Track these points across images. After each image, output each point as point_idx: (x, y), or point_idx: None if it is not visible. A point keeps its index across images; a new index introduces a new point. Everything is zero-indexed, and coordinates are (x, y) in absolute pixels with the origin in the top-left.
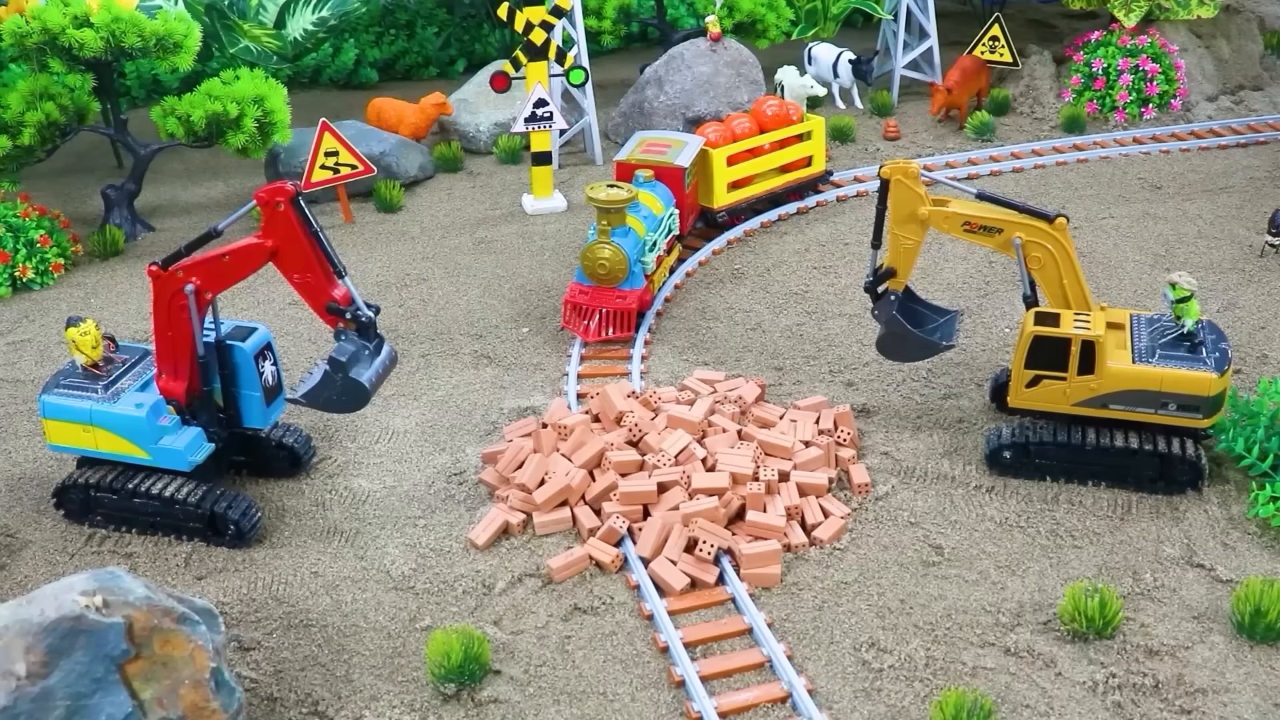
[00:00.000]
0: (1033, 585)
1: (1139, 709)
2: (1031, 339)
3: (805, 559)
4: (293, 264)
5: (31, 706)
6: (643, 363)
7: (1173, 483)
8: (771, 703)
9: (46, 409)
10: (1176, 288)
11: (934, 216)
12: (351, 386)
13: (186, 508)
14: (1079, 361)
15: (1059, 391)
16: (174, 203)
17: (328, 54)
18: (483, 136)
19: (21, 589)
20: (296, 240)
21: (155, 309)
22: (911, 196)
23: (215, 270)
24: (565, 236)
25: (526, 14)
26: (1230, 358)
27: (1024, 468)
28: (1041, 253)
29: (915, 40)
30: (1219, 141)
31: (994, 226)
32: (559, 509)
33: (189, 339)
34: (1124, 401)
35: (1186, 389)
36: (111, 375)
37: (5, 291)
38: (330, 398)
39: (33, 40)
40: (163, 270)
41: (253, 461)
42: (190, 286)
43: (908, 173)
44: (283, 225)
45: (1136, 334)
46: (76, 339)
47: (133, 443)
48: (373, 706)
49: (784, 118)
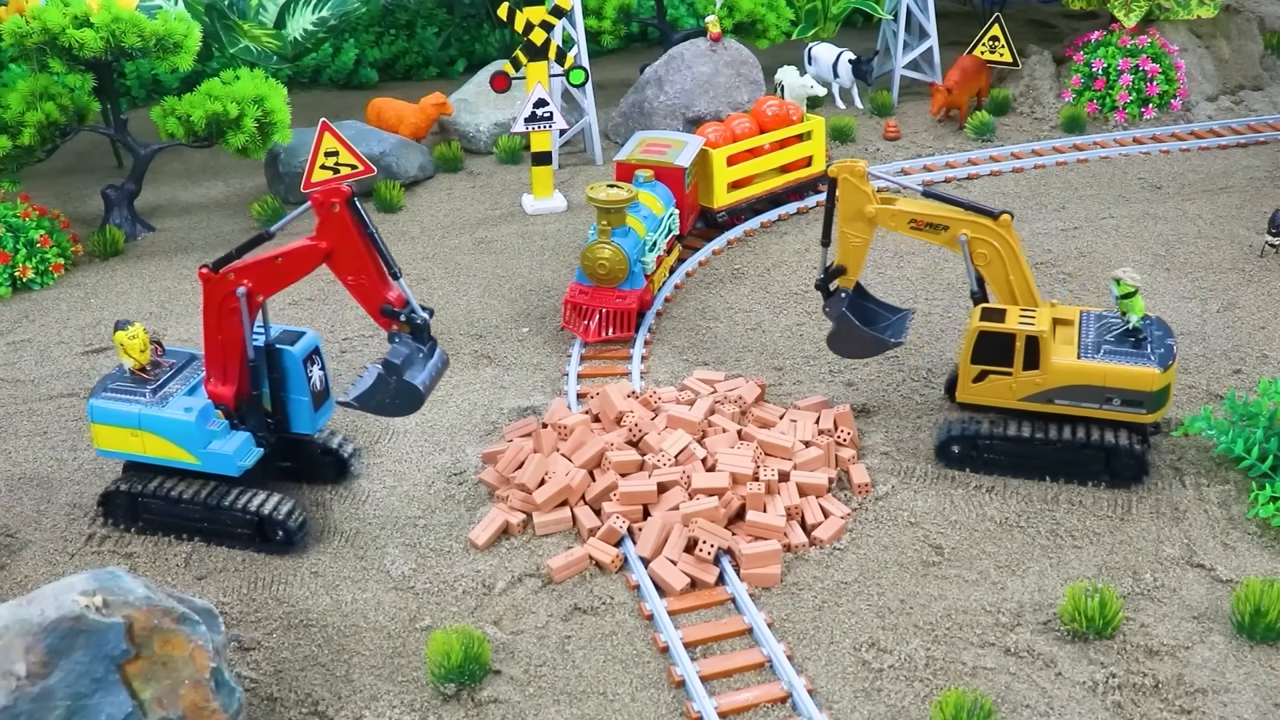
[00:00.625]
0: (1033, 585)
1: (1139, 709)
2: (977, 334)
3: (805, 559)
4: (347, 266)
5: (31, 706)
6: (643, 363)
7: (1118, 477)
8: (771, 703)
9: (95, 413)
10: (1121, 283)
11: (881, 215)
12: (405, 389)
13: (234, 513)
14: (1024, 357)
15: (1005, 386)
16: (174, 203)
17: (328, 54)
18: (483, 136)
19: (21, 589)
20: (351, 242)
21: (205, 312)
22: (858, 195)
23: (268, 273)
24: (565, 236)
25: (526, 14)
26: (1175, 353)
27: (973, 461)
28: (987, 249)
29: (915, 40)
30: (1219, 141)
31: (940, 224)
32: (559, 509)
33: (240, 343)
34: (1069, 396)
35: (1130, 384)
36: (159, 379)
37: (5, 291)
38: (384, 401)
39: (33, 40)
40: (214, 273)
41: (299, 467)
42: (242, 289)
43: (855, 171)
44: (338, 227)
45: (1084, 330)
46: (125, 342)
47: (181, 447)
48: (373, 706)
49: (784, 118)
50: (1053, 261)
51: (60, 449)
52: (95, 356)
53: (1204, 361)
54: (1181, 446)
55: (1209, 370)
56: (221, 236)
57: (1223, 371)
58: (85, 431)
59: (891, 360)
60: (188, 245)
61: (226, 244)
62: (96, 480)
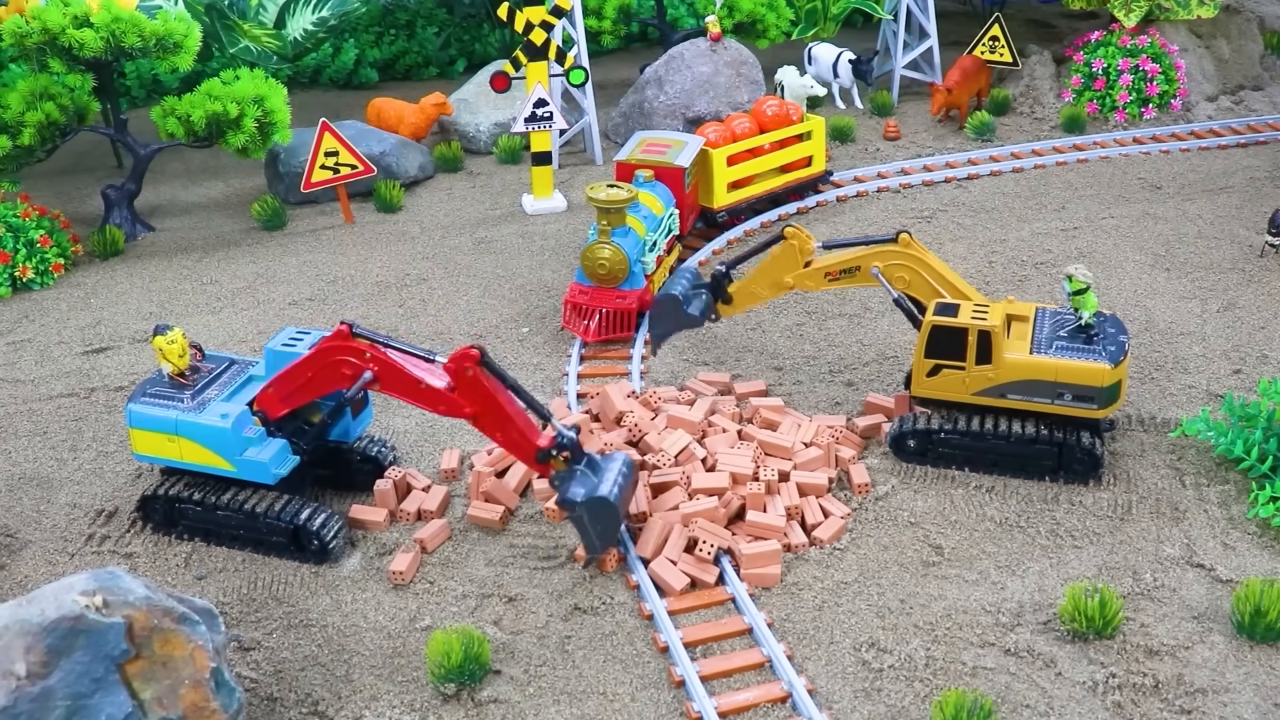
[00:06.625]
0: (1033, 585)
1: (1139, 709)
2: (930, 329)
3: (805, 559)
4: (493, 425)
5: (31, 706)
6: (643, 363)
7: (1071, 473)
8: (771, 703)
9: (133, 418)
10: (1073, 280)
11: (798, 279)
12: (597, 508)
13: (269, 521)
14: (976, 351)
15: (958, 381)
16: (174, 203)
17: (328, 54)
18: (483, 136)
19: (21, 589)
20: (493, 404)
21: (316, 354)
22: (790, 263)
23: (401, 383)
24: (565, 236)
25: (526, 14)
26: (1127, 350)
27: (928, 455)
28: (903, 271)
29: (915, 40)
30: (1219, 141)
31: (850, 266)
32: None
33: (319, 393)
34: (1021, 391)
35: (1080, 379)
36: (198, 385)
37: (5, 291)
38: (599, 530)
39: (33, 40)
40: (350, 336)
41: (336, 474)
42: (368, 374)
43: (803, 246)
44: (477, 391)
45: (1039, 326)
46: (163, 347)
47: (217, 454)
48: (373, 706)
49: (784, 118)
50: (1052, 261)
51: (60, 449)
52: (95, 356)
53: (1204, 361)
54: (1181, 446)
55: (1209, 370)
56: (222, 236)
57: (1223, 371)
58: (85, 431)
59: (891, 360)
60: (188, 245)
61: (227, 244)
62: (96, 480)
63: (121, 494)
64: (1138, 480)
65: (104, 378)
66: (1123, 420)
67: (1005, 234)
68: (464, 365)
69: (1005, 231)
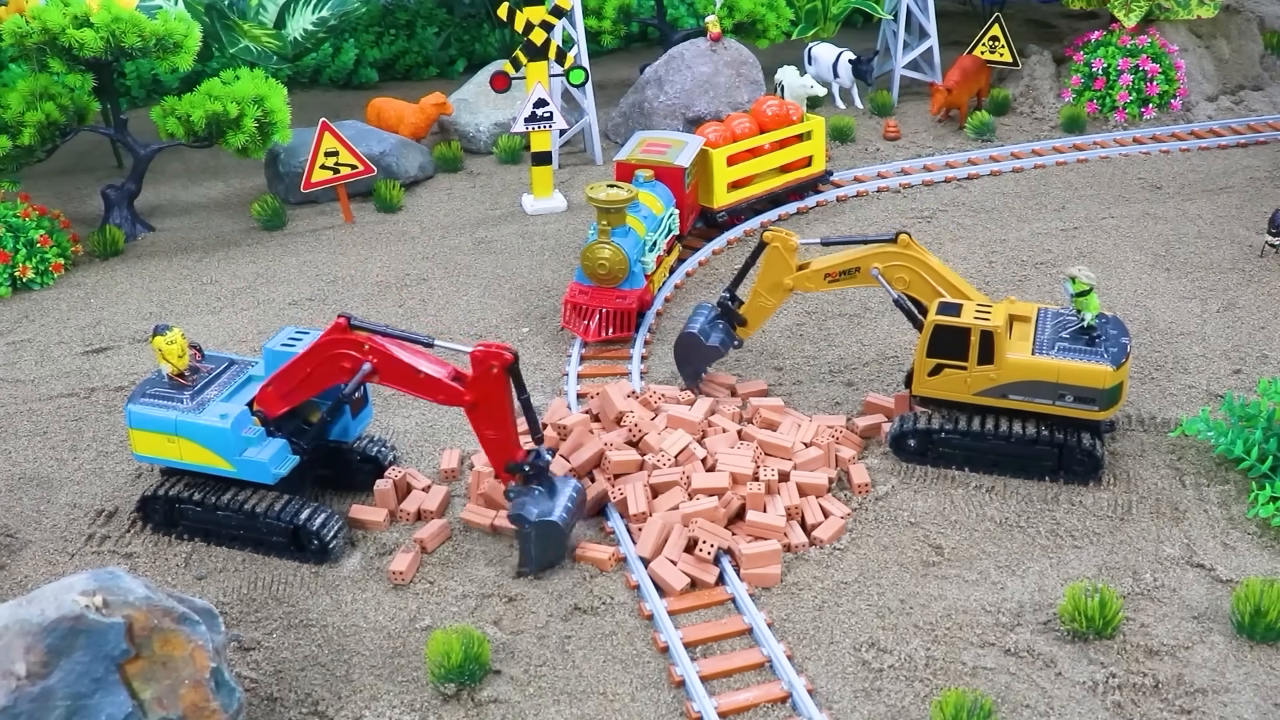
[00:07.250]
0: (1033, 585)
1: (1139, 709)
2: (933, 328)
3: (805, 559)
4: (487, 422)
5: (31, 706)
6: (643, 363)
7: (1071, 474)
8: (771, 703)
9: (132, 418)
10: (1076, 281)
11: (798, 281)
12: (545, 529)
13: (269, 521)
14: (979, 352)
15: (960, 381)
16: (174, 203)
17: (328, 54)
18: (483, 136)
19: (21, 589)
20: (498, 403)
21: (315, 349)
22: (782, 266)
23: (399, 373)
24: (565, 236)
25: (526, 14)
26: (1129, 351)
27: (928, 455)
28: (903, 272)
29: (915, 40)
30: (1219, 141)
31: (850, 268)
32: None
33: (319, 390)
34: (1022, 392)
35: (1082, 381)
36: (197, 385)
37: (5, 291)
38: (543, 550)
39: (33, 40)
40: (348, 328)
41: (336, 474)
42: (367, 366)
43: (786, 245)
44: (490, 387)
45: (1041, 326)
46: (163, 348)
47: (217, 454)
48: (373, 706)
49: (784, 118)
50: (1053, 261)
51: (60, 449)
52: (95, 356)
53: (1204, 361)
54: (1181, 446)
55: (1209, 370)
56: (222, 236)
57: (1223, 371)
58: (85, 431)
59: (891, 360)
60: (188, 245)
61: (227, 244)
62: (96, 480)
63: (121, 494)
64: (1138, 480)
65: (104, 378)
66: (1123, 420)
67: (1005, 234)
68: (491, 362)
69: (1005, 231)
